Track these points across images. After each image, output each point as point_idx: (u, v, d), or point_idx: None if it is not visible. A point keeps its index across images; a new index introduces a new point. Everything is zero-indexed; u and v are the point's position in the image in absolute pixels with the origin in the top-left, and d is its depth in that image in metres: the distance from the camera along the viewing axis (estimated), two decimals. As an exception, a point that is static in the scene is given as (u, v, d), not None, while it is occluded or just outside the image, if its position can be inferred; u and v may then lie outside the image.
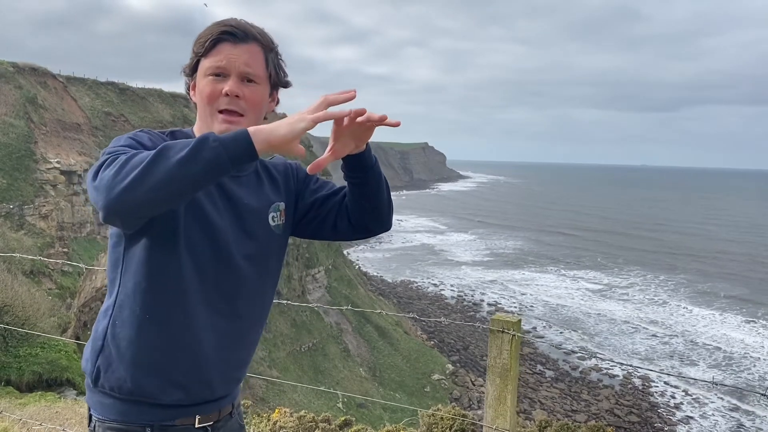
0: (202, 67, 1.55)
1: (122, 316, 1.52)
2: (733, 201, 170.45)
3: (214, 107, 1.54)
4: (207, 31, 1.55)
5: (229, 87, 1.52)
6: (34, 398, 6.53)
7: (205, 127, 1.58)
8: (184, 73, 1.61)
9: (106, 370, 1.53)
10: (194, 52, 1.56)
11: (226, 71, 1.53)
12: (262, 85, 1.57)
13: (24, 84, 29.76)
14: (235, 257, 1.57)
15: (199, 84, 1.56)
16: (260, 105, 1.58)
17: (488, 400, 2.74)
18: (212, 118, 1.55)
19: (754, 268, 63.36)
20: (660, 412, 31.89)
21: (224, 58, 1.52)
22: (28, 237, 22.98)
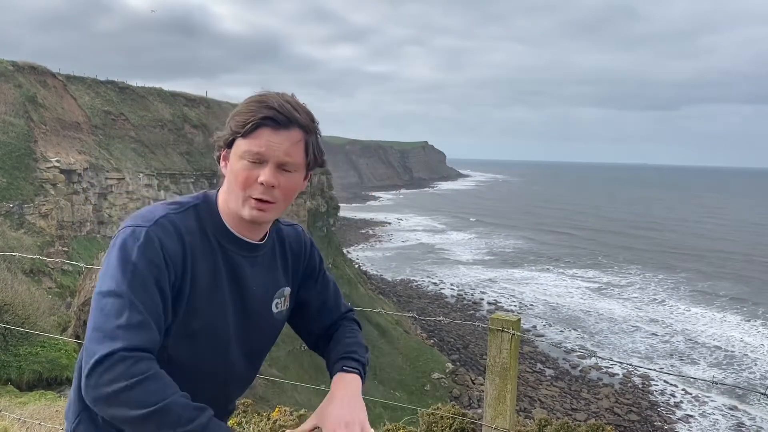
0: (238, 147, 1.47)
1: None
2: (733, 200, 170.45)
3: (247, 193, 1.48)
4: (248, 109, 1.47)
5: (266, 178, 1.46)
6: (35, 397, 6.53)
7: (233, 203, 1.51)
8: (217, 144, 1.54)
9: (87, 427, 1.52)
10: (231, 129, 1.48)
11: (263, 159, 1.46)
12: (297, 173, 1.53)
13: (24, 83, 29.74)
14: (231, 355, 1.59)
15: (233, 164, 1.49)
16: (294, 193, 1.55)
17: (488, 399, 2.75)
18: (243, 202, 1.49)
19: (753, 267, 63.37)
20: (660, 410, 31.92)
21: (264, 144, 1.45)
22: (28, 236, 22.97)
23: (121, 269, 1.36)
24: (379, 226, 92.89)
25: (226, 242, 1.54)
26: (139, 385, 1.26)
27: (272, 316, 1.66)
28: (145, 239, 1.40)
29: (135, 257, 1.37)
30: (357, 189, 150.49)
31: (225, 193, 1.55)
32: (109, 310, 1.33)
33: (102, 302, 1.35)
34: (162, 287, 1.39)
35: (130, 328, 1.31)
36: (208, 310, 1.49)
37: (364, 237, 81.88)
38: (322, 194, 49.79)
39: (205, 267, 1.49)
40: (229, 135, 1.49)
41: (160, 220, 1.44)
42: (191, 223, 1.50)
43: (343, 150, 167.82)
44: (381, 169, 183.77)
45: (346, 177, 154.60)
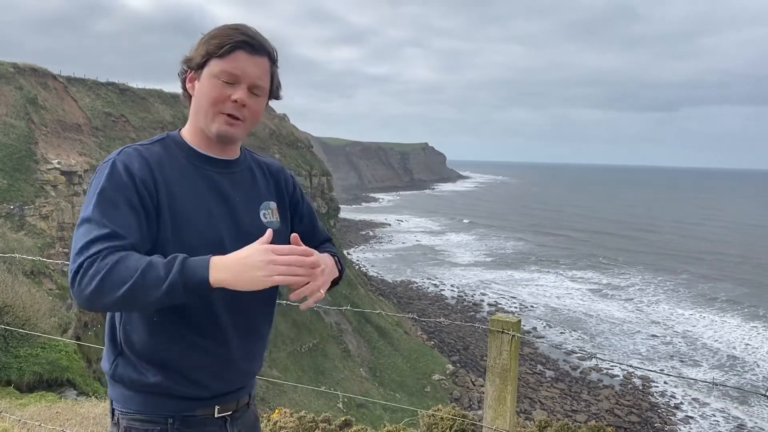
0: (212, 67, 1.56)
1: (133, 322, 1.57)
2: (733, 201, 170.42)
3: (218, 109, 1.58)
4: (223, 33, 1.57)
5: (239, 96, 1.56)
6: (35, 399, 6.54)
7: (201, 123, 1.61)
8: (187, 64, 1.62)
9: (125, 368, 1.58)
10: (206, 51, 1.57)
11: (238, 80, 1.56)
12: (264, 98, 1.65)
13: (24, 85, 29.76)
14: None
15: (204, 82, 1.58)
16: (259, 116, 1.66)
17: (488, 400, 2.75)
18: (213, 117, 1.58)
19: (753, 268, 63.34)
20: (660, 412, 31.89)
21: (240, 67, 1.56)
22: (29, 237, 22.97)
23: (90, 198, 1.48)
24: (380, 227, 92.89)
25: (199, 162, 1.63)
26: (111, 271, 1.35)
27: (263, 225, 1.68)
28: (110, 167, 1.51)
29: (102, 184, 1.48)
30: (357, 190, 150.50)
31: (192, 116, 1.64)
32: (81, 234, 1.42)
33: (77, 232, 1.45)
34: (131, 202, 1.47)
35: (96, 240, 1.39)
36: (195, 217, 1.55)
37: (364, 238, 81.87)
38: (322, 195, 49.81)
39: (181, 184, 1.57)
40: (203, 56, 1.57)
41: (124, 149, 1.57)
42: (157, 150, 1.60)
43: (344, 151, 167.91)
44: (381, 171, 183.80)
45: (347, 178, 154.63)
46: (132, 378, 1.57)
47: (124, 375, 1.58)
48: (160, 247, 1.49)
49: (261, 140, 44.36)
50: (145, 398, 1.57)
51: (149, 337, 1.55)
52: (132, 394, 1.58)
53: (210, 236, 1.56)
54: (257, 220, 1.69)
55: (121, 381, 1.60)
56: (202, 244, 1.53)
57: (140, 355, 1.56)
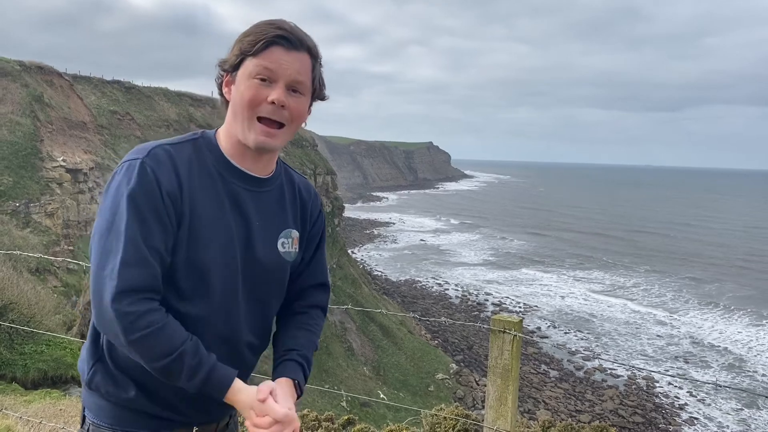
0: (246, 66, 1.45)
1: None
2: (738, 201, 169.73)
3: (254, 112, 1.45)
4: (258, 30, 1.45)
5: (277, 95, 1.44)
6: (39, 395, 6.56)
7: (238, 131, 1.49)
8: (221, 67, 1.51)
9: (103, 377, 1.51)
10: (240, 50, 1.45)
11: (274, 77, 1.44)
12: (306, 97, 1.51)
13: (30, 82, 29.87)
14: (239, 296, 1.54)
15: (239, 84, 1.46)
16: (302, 118, 1.52)
17: (489, 400, 2.74)
18: (249, 124, 1.46)
19: (759, 268, 63.08)
20: (665, 413, 31.78)
21: (275, 62, 1.43)
22: (34, 235, 23.07)
23: (118, 203, 1.37)
24: (384, 226, 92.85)
25: (227, 174, 1.51)
26: (156, 336, 1.34)
27: (278, 254, 1.59)
28: (139, 170, 1.39)
29: (132, 189, 1.37)
30: (362, 189, 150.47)
31: (229, 122, 1.52)
32: (108, 248, 1.34)
33: (100, 240, 1.36)
34: (160, 218, 1.38)
35: (128, 265, 1.33)
36: (213, 237, 1.46)
37: (368, 237, 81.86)
38: (326, 194, 49.82)
39: (205, 195, 1.46)
40: (237, 56, 1.46)
41: (154, 151, 1.43)
42: (188, 154, 1.47)
43: (348, 150, 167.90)
44: (385, 170, 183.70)
45: (351, 177, 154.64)
46: (109, 390, 1.50)
47: (101, 385, 1.51)
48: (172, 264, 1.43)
49: (266, 139, 44.42)
50: (121, 413, 1.51)
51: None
52: (107, 406, 1.52)
53: (223, 260, 1.48)
54: (274, 250, 1.58)
55: (97, 390, 1.52)
56: (213, 266, 1.47)
57: (121, 369, 1.49)
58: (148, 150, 1.43)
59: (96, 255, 1.37)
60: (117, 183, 1.40)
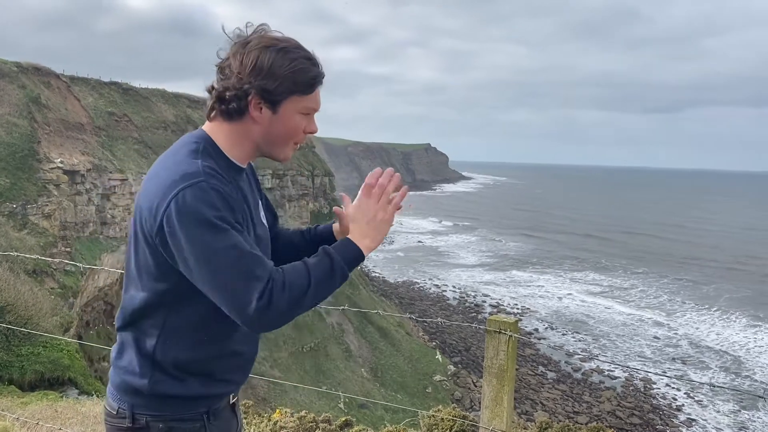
0: (296, 103, 1.58)
1: (176, 337, 1.61)
2: (735, 203, 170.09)
3: (293, 140, 1.64)
4: (305, 67, 1.56)
5: (314, 128, 1.65)
6: (36, 397, 6.55)
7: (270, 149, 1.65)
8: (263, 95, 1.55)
9: (165, 383, 1.62)
10: (294, 89, 1.56)
11: (314, 112, 1.64)
12: None
13: (27, 84, 29.81)
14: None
15: (287, 118, 1.59)
16: None
17: (485, 401, 2.75)
18: (285, 147, 1.65)
19: (756, 270, 63.22)
20: (662, 414, 31.82)
21: (318, 102, 1.62)
22: (31, 236, 23.02)
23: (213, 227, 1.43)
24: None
25: (234, 173, 1.63)
26: (291, 287, 1.45)
27: (265, 226, 1.79)
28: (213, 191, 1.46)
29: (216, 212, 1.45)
30: (359, 191, 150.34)
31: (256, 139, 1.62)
32: (232, 266, 1.43)
33: (217, 265, 1.43)
34: (241, 224, 1.52)
35: (255, 267, 1.44)
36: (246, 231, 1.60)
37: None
38: (324, 196, 49.84)
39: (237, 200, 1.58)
40: (288, 93, 1.56)
41: (206, 170, 1.49)
42: (213, 163, 1.55)
43: (346, 152, 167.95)
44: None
45: (349, 179, 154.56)
46: (176, 392, 1.63)
47: (168, 390, 1.63)
48: None
49: (263, 140, 44.39)
50: (184, 403, 1.65)
51: (194, 352, 1.63)
52: (170, 401, 1.64)
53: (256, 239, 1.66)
54: (261, 222, 1.76)
55: (162, 395, 1.63)
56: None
57: (180, 369, 1.63)
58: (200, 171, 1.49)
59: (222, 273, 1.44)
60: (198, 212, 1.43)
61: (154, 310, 1.60)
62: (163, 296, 1.58)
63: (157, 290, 1.58)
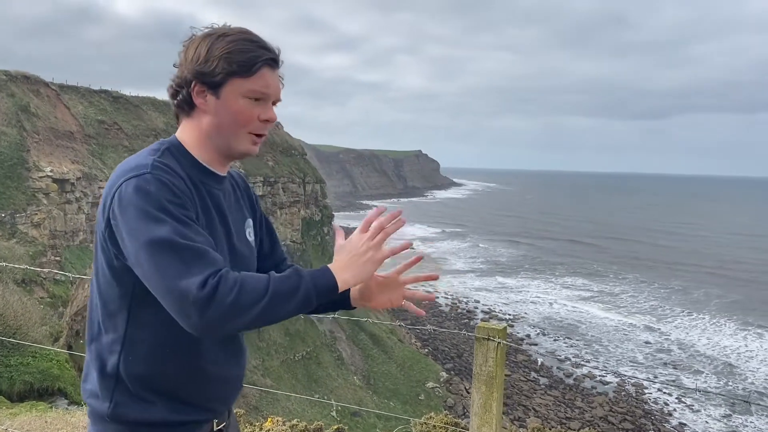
0: (236, 86, 1.49)
1: (138, 351, 1.48)
2: (723, 208, 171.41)
3: (247, 129, 1.53)
4: (246, 49, 1.49)
5: (270, 115, 1.55)
6: (25, 408, 6.50)
7: (221, 142, 1.55)
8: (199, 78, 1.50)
9: (127, 406, 1.49)
10: (229, 69, 1.48)
11: (266, 97, 1.53)
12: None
13: (16, 92, 29.67)
14: None
15: (229, 103, 1.50)
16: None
17: (474, 408, 2.76)
18: (238, 137, 1.54)
19: (744, 276, 63.66)
20: (654, 419, 31.92)
21: (268, 84, 1.52)
22: (20, 245, 22.85)
23: (151, 218, 1.34)
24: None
25: (203, 177, 1.56)
26: (243, 287, 1.30)
27: (248, 244, 1.70)
28: (155, 182, 1.38)
29: (157, 201, 1.36)
30: (351, 198, 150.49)
31: (204, 131, 1.55)
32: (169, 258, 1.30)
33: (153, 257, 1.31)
34: (193, 219, 1.40)
35: (196, 258, 1.31)
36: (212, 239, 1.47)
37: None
38: (316, 203, 49.78)
39: (198, 201, 1.51)
40: (224, 75, 1.48)
41: (154, 163, 1.43)
42: (173, 163, 1.49)
43: (337, 159, 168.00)
44: (375, 178, 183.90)
45: (340, 186, 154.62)
46: (137, 415, 1.48)
47: (127, 414, 1.48)
48: None
49: (254, 148, 44.36)
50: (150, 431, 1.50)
51: (160, 368, 1.49)
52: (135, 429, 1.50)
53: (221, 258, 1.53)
54: (245, 239, 1.68)
55: (123, 418, 1.49)
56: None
57: (145, 388, 1.48)
58: (148, 164, 1.42)
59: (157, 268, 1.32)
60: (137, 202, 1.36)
61: (113, 319, 1.48)
62: (121, 302, 1.46)
63: (113, 296, 1.47)
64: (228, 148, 1.55)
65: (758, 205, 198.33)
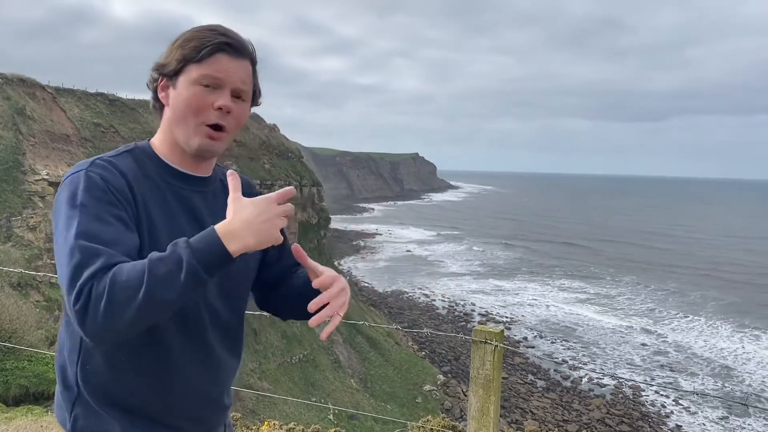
0: (190, 73, 1.42)
1: (93, 361, 1.41)
2: (719, 210, 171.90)
3: (200, 119, 1.43)
4: (201, 36, 1.43)
5: (224, 101, 1.42)
6: (21, 412, 6.46)
7: (179, 136, 1.47)
8: (159, 71, 1.47)
9: (87, 419, 1.43)
10: (182, 56, 1.43)
11: (221, 84, 1.43)
12: (248, 103, 1.51)
13: (12, 95, 29.61)
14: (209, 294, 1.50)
15: (182, 90, 1.43)
16: (243, 123, 1.52)
17: (471, 411, 2.76)
18: (194, 129, 1.44)
19: (741, 278, 63.81)
20: (651, 421, 31.93)
21: (222, 70, 1.42)
22: (16, 249, 22.78)
23: (68, 215, 1.30)
24: (371, 237, 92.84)
25: (170, 178, 1.49)
26: (114, 285, 1.19)
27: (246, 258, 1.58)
28: (85, 179, 1.34)
29: (79, 199, 1.31)
30: (348, 201, 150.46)
31: (166, 127, 1.50)
32: (65, 259, 1.25)
33: (58, 256, 1.28)
34: (119, 218, 1.33)
35: (83, 263, 1.23)
36: (168, 239, 1.34)
37: (355, 249, 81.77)
38: (312, 206, 49.76)
39: (154, 202, 1.43)
40: (179, 61, 1.43)
41: (96, 161, 1.40)
42: (129, 163, 1.44)
43: (334, 162, 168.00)
44: (372, 181, 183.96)
45: (337, 189, 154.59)
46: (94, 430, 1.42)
47: (87, 427, 1.42)
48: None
49: (251, 151, 44.32)
50: None
51: (114, 380, 1.41)
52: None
53: None
54: None
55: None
56: None
57: (103, 401, 1.41)
58: (89, 162, 1.40)
59: (57, 267, 1.29)
60: (64, 198, 1.33)
61: (70, 326, 1.41)
62: None
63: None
64: (186, 142, 1.46)
65: (753, 207, 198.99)
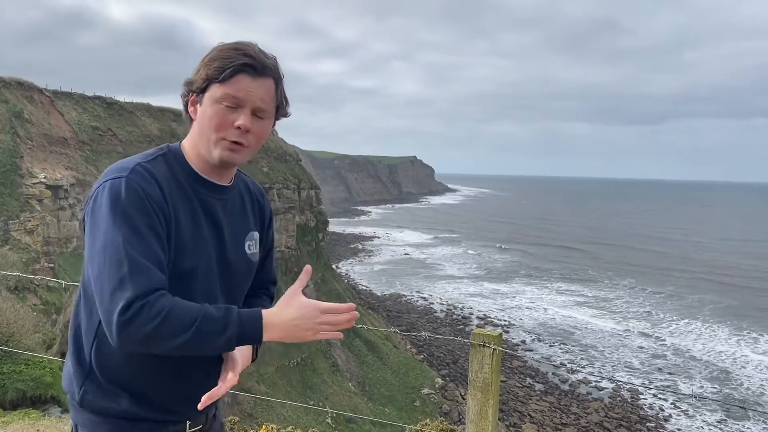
0: (213, 92, 1.52)
1: (107, 346, 1.50)
2: (717, 214, 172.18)
3: (220, 135, 1.54)
4: (224, 56, 1.51)
5: (243, 122, 1.51)
6: (18, 416, 6.44)
7: (202, 148, 1.58)
8: (188, 87, 1.58)
9: (95, 394, 1.56)
10: (206, 75, 1.52)
11: (241, 104, 1.51)
12: (269, 120, 1.60)
13: (10, 98, 29.57)
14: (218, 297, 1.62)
15: (206, 108, 1.53)
16: (264, 139, 1.61)
17: (470, 414, 2.76)
18: (215, 143, 1.55)
19: (738, 282, 63.88)
20: (649, 424, 31.92)
21: (242, 90, 1.50)
22: (13, 252, 22.72)
23: (112, 221, 1.41)
24: (368, 240, 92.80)
25: (197, 185, 1.60)
26: (167, 318, 1.34)
27: (246, 256, 1.71)
28: (126, 187, 1.44)
29: (122, 207, 1.42)
30: (346, 204, 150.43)
31: (194, 138, 1.60)
32: (111, 265, 1.37)
33: (101, 259, 1.39)
34: (155, 230, 1.44)
35: (134, 274, 1.36)
36: (194, 249, 1.54)
37: (353, 251, 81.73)
38: (311, 209, 49.74)
39: (183, 209, 1.55)
40: (203, 80, 1.53)
41: (136, 168, 1.50)
42: (163, 169, 1.55)
43: (332, 165, 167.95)
44: (370, 184, 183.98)
45: (335, 192, 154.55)
46: (102, 405, 1.55)
47: (93, 402, 1.56)
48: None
49: (249, 154, 44.33)
50: (115, 423, 1.56)
51: (125, 364, 1.53)
52: (101, 420, 1.57)
53: (205, 267, 1.58)
54: (241, 251, 1.69)
55: (89, 407, 1.57)
56: (195, 273, 1.55)
57: (113, 380, 1.55)
58: (129, 168, 1.49)
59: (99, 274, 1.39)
60: (107, 202, 1.43)
61: (90, 306, 1.53)
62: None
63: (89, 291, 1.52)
64: (208, 154, 1.57)
65: (751, 210, 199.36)
